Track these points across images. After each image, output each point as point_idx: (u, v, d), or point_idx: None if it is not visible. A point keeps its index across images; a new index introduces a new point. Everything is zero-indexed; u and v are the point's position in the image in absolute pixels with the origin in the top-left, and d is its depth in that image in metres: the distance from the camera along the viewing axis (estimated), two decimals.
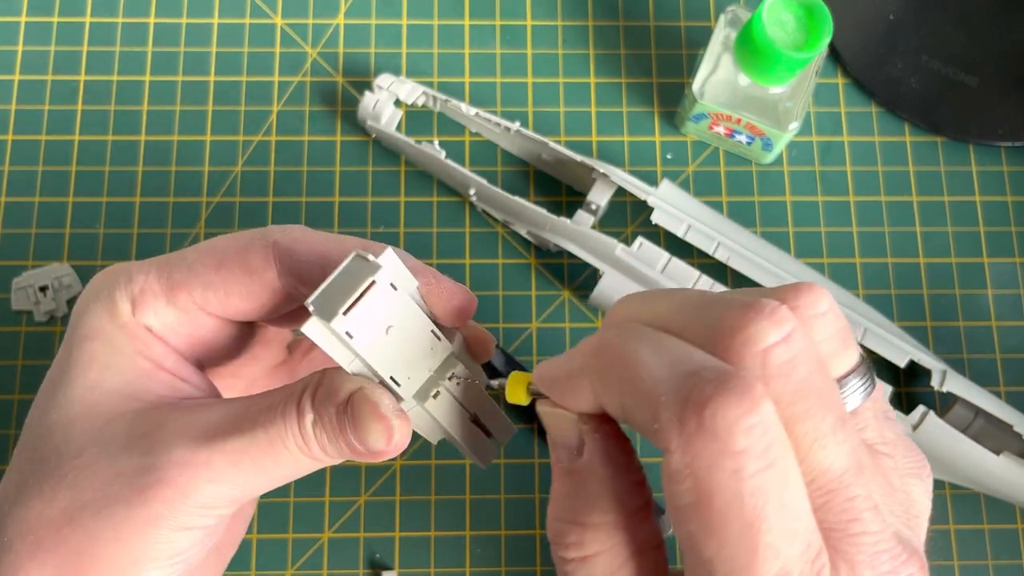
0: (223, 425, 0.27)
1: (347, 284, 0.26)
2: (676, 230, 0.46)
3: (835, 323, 0.23)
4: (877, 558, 0.22)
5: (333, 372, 0.28)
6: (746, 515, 0.20)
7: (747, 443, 0.20)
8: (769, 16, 0.43)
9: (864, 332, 0.45)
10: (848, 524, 0.22)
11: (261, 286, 0.30)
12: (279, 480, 0.28)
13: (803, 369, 0.21)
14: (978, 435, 0.44)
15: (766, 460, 0.20)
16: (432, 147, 0.48)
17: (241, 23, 0.53)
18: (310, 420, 0.27)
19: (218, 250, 0.30)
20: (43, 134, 0.51)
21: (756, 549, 0.20)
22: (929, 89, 0.52)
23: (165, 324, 0.30)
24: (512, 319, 0.49)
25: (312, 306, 0.25)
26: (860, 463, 0.22)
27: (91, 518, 0.27)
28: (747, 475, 0.20)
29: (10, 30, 0.52)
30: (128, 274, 0.30)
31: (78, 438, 0.28)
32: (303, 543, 0.46)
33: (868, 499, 0.22)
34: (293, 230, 0.30)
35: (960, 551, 0.46)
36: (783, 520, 0.21)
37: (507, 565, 0.46)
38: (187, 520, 0.27)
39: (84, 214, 0.49)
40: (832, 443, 0.21)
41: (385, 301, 0.26)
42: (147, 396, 0.29)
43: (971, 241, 0.50)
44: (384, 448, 0.27)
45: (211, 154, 0.51)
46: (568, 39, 0.53)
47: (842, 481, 0.22)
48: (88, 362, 0.29)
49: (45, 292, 0.48)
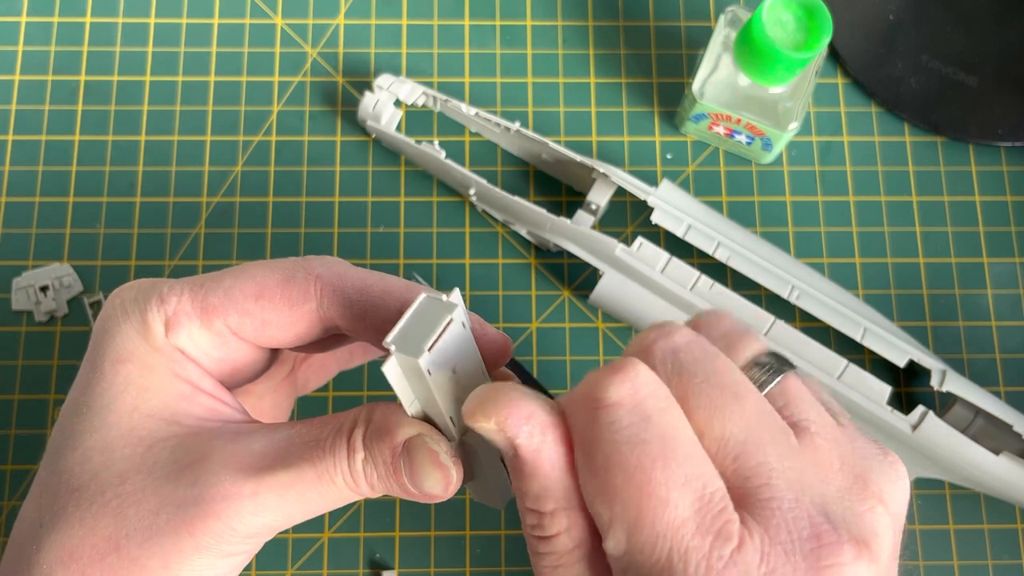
0: (267, 456, 0.27)
1: (424, 323, 0.26)
2: (676, 230, 0.46)
3: (728, 323, 0.26)
4: (795, 524, 0.22)
5: (384, 410, 0.28)
6: (627, 464, 0.22)
7: (618, 395, 0.23)
8: (769, 16, 0.43)
9: (864, 332, 0.45)
10: (758, 489, 0.23)
11: (299, 318, 0.30)
12: (321, 511, 0.28)
13: (688, 354, 0.24)
14: (978, 435, 0.44)
15: (640, 413, 0.23)
16: (432, 147, 0.48)
17: (241, 23, 0.53)
18: (360, 458, 0.27)
19: (258, 278, 0.30)
20: (43, 134, 0.51)
21: (641, 497, 0.22)
22: (929, 89, 0.52)
23: (198, 347, 0.30)
24: (512, 319, 0.49)
25: (394, 344, 0.25)
26: (770, 435, 0.24)
27: (137, 547, 0.27)
28: (622, 425, 0.23)
29: (10, 30, 0.52)
30: (159, 294, 0.29)
31: (119, 464, 0.28)
32: (303, 543, 0.46)
33: (782, 469, 0.23)
34: (336, 264, 0.30)
35: (960, 551, 0.46)
36: (669, 469, 0.22)
37: (507, 565, 0.46)
38: (230, 548, 0.27)
39: (84, 214, 0.49)
40: (730, 413, 0.23)
41: (456, 340, 0.26)
42: (187, 420, 0.29)
43: (971, 241, 0.50)
44: (441, 494, 0.28)
45: (211, 154, 0.51)
46: (568, 39, 0.53)
47: (746, 447, 0.23)
48: (124, 384, 0.29)
49: (45, 292, 0.48)
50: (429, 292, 0.27)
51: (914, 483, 0.46)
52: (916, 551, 0.46)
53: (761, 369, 0.25)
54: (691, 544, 0.22)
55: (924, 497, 0.47)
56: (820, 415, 0.25)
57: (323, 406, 0.47)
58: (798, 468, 0.24)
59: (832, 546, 0.22)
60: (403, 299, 0.29)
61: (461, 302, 0.26)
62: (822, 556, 0.22)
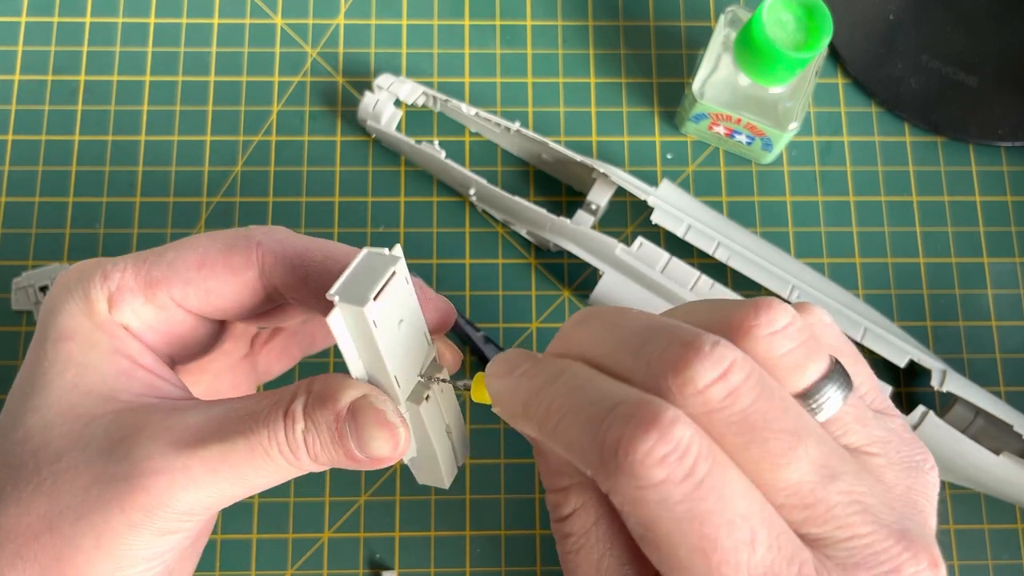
0: (201, 431, 0.27)
1: (368, 275, 0.26)
2: (676, 230, 0.46)
3: (797, 336, 0.23)
4: (873, 558, 0.22)
5: (326, 378, 0.27)
6: (689, 539, 0.21)
7: (664, 472, 0.20)
8: (769, 16, 0.43)
9: (864, 332, 0.45)
10: (835, 532, 0.22)
11: (243, 286, 0.30)
12: (259, 487, 0.28)
13: (746, 399, 0.21)
14: (978, 435, 0.44)
15: (692, 482, 0.21)
16: (432, 147, 0.48)
17: (241, 23, 0.53)
18: (300, 428, 0.27)
19: (200, 248, 0.30)
20: (43, 134, 0.51)
21: (710, 567, 0.21)
22: (929, 89, 0.52)
23: (142, 321, 0.30)
24: (512, 319, 0.49)
25: (338, 295, 0.25)
26: (832, 471, 0.22)
27: (70, 525, 0.26)
28: (674, 502, 0.21)
29: (10, 30, 0.52)
30: (103, 270, 0.29)
31: (56, 442, 0.28)
32: (303, 543, 0.46)
33: (852, 503, 0.22)
34: (276, 231, 0.30)
35: (960, 551, 0.46)
36: (732, 532, 0.21)
37: (507, 565, 0.46)
38: (165, 525, 0.27)
39: (84, 214, 0.49)
40: (791, 460, 0.21)
41: (400, 294, 0.26)
42: (125, 396, 0.29)
43: (971, 241, 0.50)
44: (390, 455, 0.27)
45: (211, 154, 0.51)
46: (568, 39, 0.53)
47: (815, 494, 0.22)
48: (65, 362, 0.29)
49: (45, 292, 0.48)
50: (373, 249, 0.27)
51: None
52: None
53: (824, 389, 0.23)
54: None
55: None
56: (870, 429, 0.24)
57: None
58: (866, 496, 0.22)
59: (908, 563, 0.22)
60: (344, 262, 0.29)
61: (403, 256, 0.26)
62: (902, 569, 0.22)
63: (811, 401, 0.23)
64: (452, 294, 0.49)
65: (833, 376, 0.23)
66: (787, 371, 0.23)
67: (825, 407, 0.23)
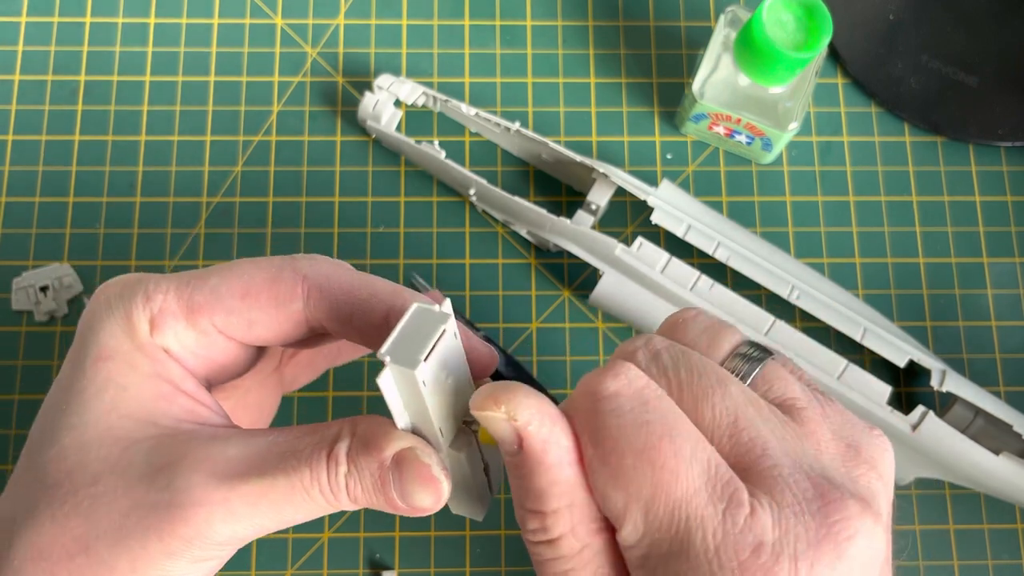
0: (242, 464, 0.27)
1: (418, 333, 0.25)
2: (676, 230, 0.46)
3: (704, 320, 0.27)
4: (798, 486, 0.23)
5: (370, 423, 0.28)
6: (636, 445, 0.23)
7: (616, 387, 0.24)
8: (769, 16, 0.43)
9: (864, 332, 0.45)
10: (757, 460, 0.24)
11: (286, 318, 0.29)
12: (295, 522, 0.28)
13: (668, 354, 0.26)
14: (978, 435, 0.44)
15: (640, 399, 0.24)
16: (432, 147, 0.48)
17: (241, 23, 0.53)
18: (343, 471, 0.27)
19: (244, 277, 0.29)
20: (43, 134, 0.51)
21: (653, 472, 0.23)
22: (929, 89, 0.52)
23: (183, 346, 0.29)
24: (512, 319, 0.49)
25: (388, 356, 0.25)
26: (758, 413, 0.25)
27: (107, 549, 0.26)
28: (624, 411, 0.24)
29: (10, 30, 0.52)
30: (145, 291, 0.29)
31: (93, 464, 0.27)
32: (303, 543, 0.46)
33: (775, 441, 0.24)
34: (321, 264, 0.30)
35: (960, 551, 0.46)
36: (675, 444, 0.23)
37: (507, 565, 0.46)
38: (201, 554, 0.27)
39: (84, 214, 0.49)
40: (717, 398, 0.24)
41: (448, 351, 0.26)
42: (164, 421, 0.28)
43: (971, 241, 0.50)
44: (432, 508, 0.27)
45: (211, 154, 0.51)
46: (568, 39, 0.53)
47: (737, 425, 0.24)
48: (104, 383, 0.28)
49: (45, 292, 0.48)
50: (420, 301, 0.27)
51: (914, 483, 0.47)
52: (916, 551, 0.46)
53: (743, 359, 0.26)
54: (706, 512, 0.23)
55: (924, 497, 0.47)
56: (805, 392, 0.26)
57: (323, 406, 0.47)
58: (791, 438, 0.24)
59: (837, 502, 0.23)
60: (389, 303, 0.29)
61: (452, 313, 0.26)
62: (830, 513, 0.23)
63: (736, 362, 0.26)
64: (452, 294, 0.49)
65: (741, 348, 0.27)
66: (704, 348, 0.27)
67: (744, 372, 0.26)
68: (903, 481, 0.45)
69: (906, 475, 0.45)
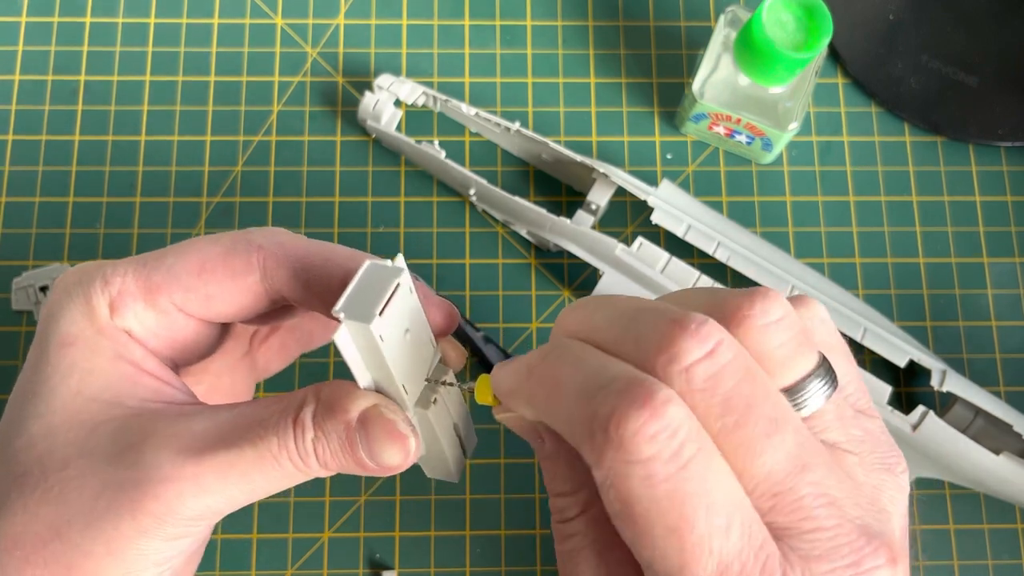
0: (209, 437, 0.27)
1: (371, 289, 0.25)
2: (676, 230, 0.46)
3: (790, 329, 0.23)
4: (835, 552, 0.22)
5: (334, 386, 0.28)
6: (667, 519, 0.21)
7: (653, 449, 0.21)
8: (769, 16, 0.43)
9: (864, 332, 0.45)
10: (800, 523, 0.22)
11: (244, 290, 0.30)
12: (267, 492, 0.28)
13: (729, 381, 0.22)
14: (978, 435, 0.44)
15: (677, 463, 0.21)
16: (432, 147, 0.48)
17: (241, 23, 0.53)
18: (310, 436, 0.27)
19: (200, 253, 0.30)
20: (43, 134, 0.51)
21: (684, 549, 0.21)
22: (929, 89, 0.52)
23: (144, 327, 0.29)
24: (512, 319, 0.49)
25: (343, 312, 0.25)
26: (805, 463, 0.22)
27: (79, 532, 0.26)
28: (659, 480, 0.21)
29: (10, 30, 0.52)
30: (103, 275, 0.29)
31: (62, 449, 0.27)
32: (303, 543, 0.46)
33: (820, 496, 0.22)
34: (276, 233, 0.30)
35: (960, 551, 0.46)
36: (710, 517, 0.21)
37: (507, 565, 0.46)
38: (175, 531, 0.27)
39: (84, 214, 0.49)
40: (768, 448, 0.22)
41: (405, 305, 0.26)
42: (130, 402, 0.29)
43: (971, 241, 0.50)
44: (401, 464, 0.27)
45: (211, 154, 0.51)
46: (568, 39, 0.53)
47: (785, 483, 0.22)
48: (68, 368, 0.28)
49: (45, 292, 0.48)
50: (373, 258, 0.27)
51: (914, 483, 0.46)
52: (916, 551, 0.46)
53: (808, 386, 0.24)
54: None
55: (924, 497, 0.47)
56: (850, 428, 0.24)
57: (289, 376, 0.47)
58: (834, 489, 0.23)
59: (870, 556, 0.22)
60: (346, 266, 0.29)
61: (406, 267, 0.26)
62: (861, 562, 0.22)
63: (795, 396, 0.24)
64: (452, 294, 0.49)
65: (819, 373, 0.24)
66: (776, 364, 0.23)
67: (809, 403, 0.24)
68: None
69: None
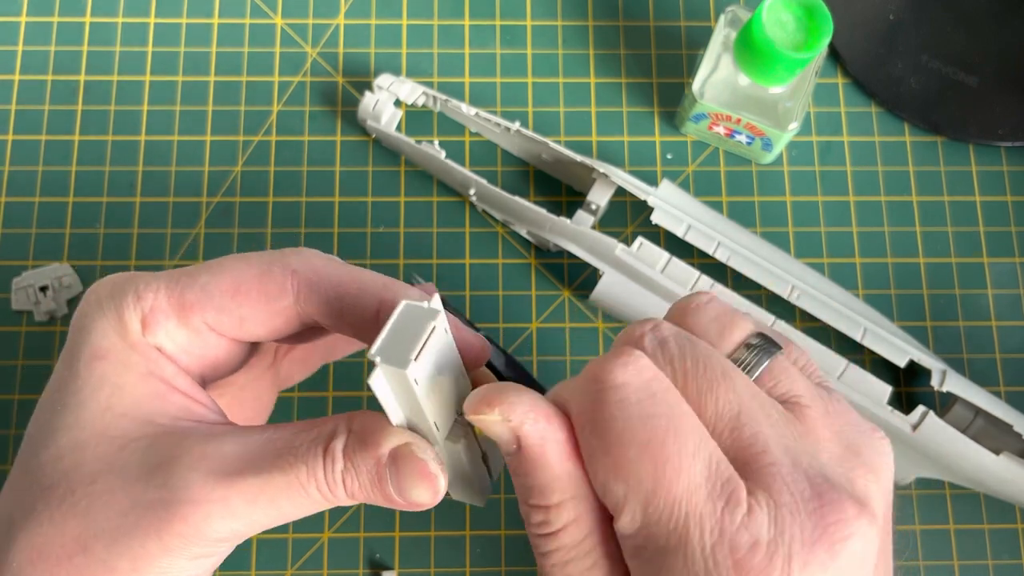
0: (240, 461, 0.27)
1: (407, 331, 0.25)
2: (676, 230, 0.46)
3: (716, 308, 0.27)
4: (796, 485, 0.23)
5: (365, 419, 0.28)
6: (639, 435, 0.23)
7: (624, 377, 0.24)
8: (769, 16, 0.43)
9: (864, 332, 0.45)
10: (756, 457, 0.24)
11: (277, 313, 0.30)
12: (294, 517, 0.28)
13: (676, 342, 0.25)
14: (978, 435, 0.44)
15: (647, 391, 0.24)
16: (432, 147, 0.48)
17: (241, 23, 0.53)
18: (340, 468, 0.27)
19: (234, 273, 0.30)
20: (43, 134, 0.51)
21: (656, 465, 0.23)
22: (929, 89, 0.52)
23: (176, 344, 0.29)
24: (512, 319, 0.49)
25: (379, 356, 0.25)
26: (760, 404, 0.25)
27: (105, 547, 0.27)
28: (631, 403, 0.24)
29: (10, 30, 0.52)
30: (135, 289, 0.29)
31: (90, 463, 0.27)
32: (303, 543, 0.46)
33: (777, 439, 0.24)
34: (311, 257, 0.30)
35: (960, 551, 0.46)
36: (680, 440, 0.23)
37: (507, 565, 0.46)
38: (199, 551, 0.27)
39: (84, 214, 0.49)
40: (721, 389, 0.25)
41: (439, 347, 0.26)
42: (160, 419, 0.28)
43: (971, 241, 0.50)
44: (429, 503, 0.27)
45: (211, 154, 0.51)
46: (568, 39, 0.53)
47: (740, 420, 0.24)
48: (99, 382, 0.28)
49: (45, 292, 0.48)
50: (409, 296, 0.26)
51: (914, 483, 0.46)
52: (916, 551, 0.46)
53: (750, 351, 0.26)
54: (704, 509, 0.23)
55: (924, 497, 0.47)
56: (809, 390, 0.26)
57: (322, 405, 0.47)
58: (792, 436, 0.25)
59: (834, 503, 0.23)
60: (381, 296, 0.29)
61: (442, 308, 0.26)
62: (826, 514, 0.23)
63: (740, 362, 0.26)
64: (452, 294, 0.49)
65: (752, 339, 0.27)
66: (713, 336, 0.27)
67: (751, 365, 0.26)
68: (903, 481, 0.45)
69: (906, 475, 0.45)
